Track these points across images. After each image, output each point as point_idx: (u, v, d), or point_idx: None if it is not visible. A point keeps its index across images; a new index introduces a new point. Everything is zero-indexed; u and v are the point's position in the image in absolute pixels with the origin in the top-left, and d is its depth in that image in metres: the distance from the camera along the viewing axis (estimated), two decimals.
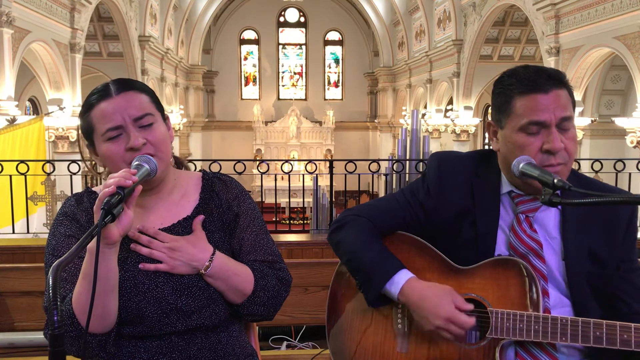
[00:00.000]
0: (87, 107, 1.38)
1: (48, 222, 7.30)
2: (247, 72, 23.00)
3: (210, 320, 1.39)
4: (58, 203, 7.37)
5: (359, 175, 5.41)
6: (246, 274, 1.43)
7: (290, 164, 5.63)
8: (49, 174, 5.84)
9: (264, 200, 15.18)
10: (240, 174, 4.83)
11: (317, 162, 5.72)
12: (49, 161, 5.68)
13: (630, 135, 8.31)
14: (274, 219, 9.47)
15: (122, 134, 1.35)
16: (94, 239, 1.13)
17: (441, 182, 1.55)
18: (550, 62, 10.02)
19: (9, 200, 4.84)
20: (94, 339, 1.28)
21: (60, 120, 9.53)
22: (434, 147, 13.76)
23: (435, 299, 1.41)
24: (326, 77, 23.27)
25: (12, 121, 7.71)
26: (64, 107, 9.58)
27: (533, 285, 1.41)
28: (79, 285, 1.26)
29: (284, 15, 22.94)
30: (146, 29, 14.21)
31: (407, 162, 7.22)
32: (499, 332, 1.40)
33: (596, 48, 9.05)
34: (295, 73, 23.26)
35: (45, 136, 8.82)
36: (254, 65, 22.97)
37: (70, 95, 10.00)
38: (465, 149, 13.55)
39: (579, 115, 10.08)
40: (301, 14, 22.86)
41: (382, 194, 13.11)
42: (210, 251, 1.40)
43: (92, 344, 1.28)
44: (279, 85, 23.16)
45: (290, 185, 5.80)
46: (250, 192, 3.38)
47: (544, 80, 1.38)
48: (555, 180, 1.28)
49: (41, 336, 2.71)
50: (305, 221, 14.07)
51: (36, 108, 14.44)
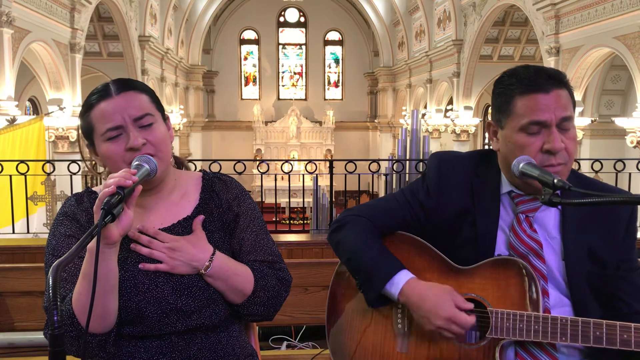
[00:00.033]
0: (87, 107, 1.38)
1: (48, 222, 7.30)
2: (247, 72, 23.00)
3: (210, 320, 1.39)
4: (58, 203, 7.37)
5: (359, 175, 5.41)
6: (246, 274, 1.43)
7: (290, 164, 5.63)
8: (49, 174, 5.84)
9: (264, 200, 15.18)
10: (240, 174, 4.83)
11: (317, 162, 5.72)
12: (49, 161, 5.68)
13: (630, 135, 8.31)
14: (274, 219, 9.47)
15: (122, 134, 1.35)
16: (94, 239, 1.13)
17: (441, 182, 1.55)
18: (550, 62, 10.02)
19: (9, 200, 4.84)
20: (94, 339, 1.28)
21: (60, 120, 9.52)
22: (434, 147, 13.75)
23: (435, 299, 1.41)
24: (326, 77, 23.27)
25: (12, 121, 7.71)
26: (64, 107, 9.58)
27: (533, 285, 1.41)
28: (79, 285, 1.26)
29: (284, 15, 22.93)
30: (146, 29, 14.21)
31: (407, 162, 7.21)
32: (499, 332, 1.40)
33: (596, 48, 9.05)
34: (295, 73, 23.26)
35: (45, 136, 8.81)
36: (254, 65, 22.97)
37: (70, 95, 10.00)
38: (465, 149, 13.55)
39: (579, 115, 10.08)
40: (301, 14, 22.86)
41: (382, 194, 13.10)
42: (210, 251, 1.40)
43: (92, 344, 1.29)
44: (279, 85, 23.16)
45: (290, 185, 5.80)
46: (250, 192, 3.38)
47: (545, 80, 1.38)
48: (555, 180, 1.28)
49: (41, 336, 2.71)
50: (305, 221, 14.07)
51: (36, 108, 14.44)
